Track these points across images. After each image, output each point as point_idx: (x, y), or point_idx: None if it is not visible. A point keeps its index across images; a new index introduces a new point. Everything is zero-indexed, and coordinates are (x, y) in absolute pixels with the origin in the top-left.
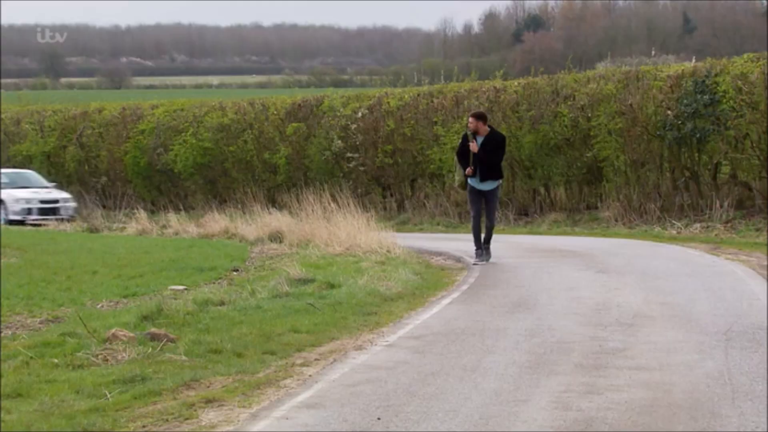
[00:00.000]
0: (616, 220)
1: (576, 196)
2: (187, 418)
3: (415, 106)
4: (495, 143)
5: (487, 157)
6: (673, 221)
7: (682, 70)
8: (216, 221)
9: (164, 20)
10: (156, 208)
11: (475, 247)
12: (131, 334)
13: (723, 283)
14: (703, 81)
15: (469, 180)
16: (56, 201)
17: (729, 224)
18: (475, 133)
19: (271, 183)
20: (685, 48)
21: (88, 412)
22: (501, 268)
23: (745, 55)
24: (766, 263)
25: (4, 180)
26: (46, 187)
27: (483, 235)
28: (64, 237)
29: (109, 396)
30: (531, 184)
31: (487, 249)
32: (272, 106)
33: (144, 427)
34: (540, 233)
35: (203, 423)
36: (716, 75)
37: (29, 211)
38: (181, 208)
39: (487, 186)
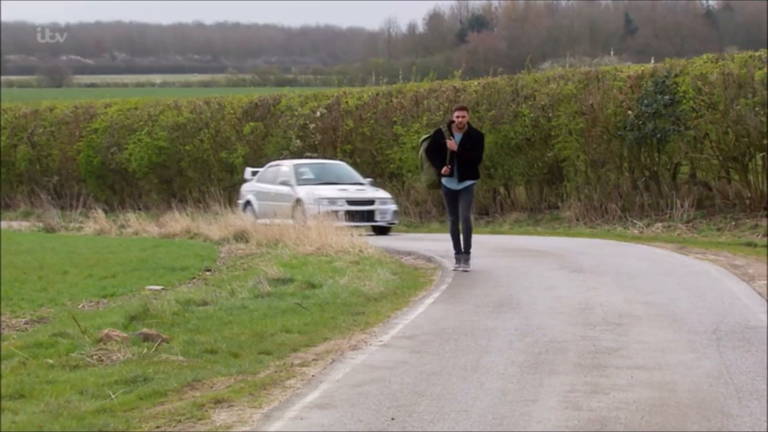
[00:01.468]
0: (578, 220)
1: (537, 195)
2: (200, 419)
3: (374, 105)
4: (474, 140)
5: (467, 155)
6: (635, 221)
7: (642, 70)
8: (177, 221)
9: (104, 18)
10: (109, 207)
11: (454, 252)
12: (124, 335)
13: (699, 282)
14: (663, 81)
15: (443, 181)
16: (370, 202)
17: (690, 224)
18: (450, 130)
19: (228, 182)
20: (627, 48)
21: (96, 413)
22: (475, 268)
23: (704, 56)
24: (733, 263)
25: (307, 175)
26: (359, 184)
27: (462, 242)
28: (21, 237)
29: (113, 397)
30: (491, 183)
31: (467, 259)
32: (228, 105)
33: (158, 427)
34: (502, 233)
35: (218, 424)
36: (676, 75)
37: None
38: (137, 207)
39: (463, 185)
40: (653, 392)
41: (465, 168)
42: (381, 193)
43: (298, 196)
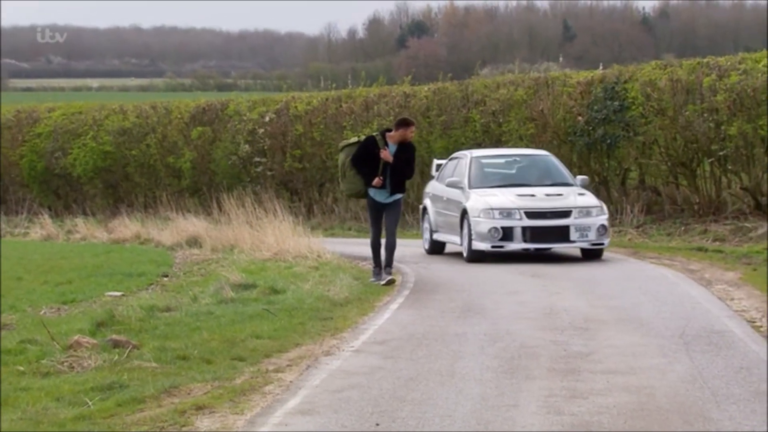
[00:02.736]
0: None
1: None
2: (183, 425)
3: (324, 110)
4: (410, 153)
5: (402, 167)
6: None
7: (592, 76)
8: (126, 226)
9: (39, 21)
10: (54, 212)
11: (373, 264)
12: (94, 341)
13: (659, 287)
14: (613, 87)
15: (371, 192)
16: (564, 213)
17: (640, 229)
18: (384, 139)
19: (176, 187)
20: (566, 55)
21: (76, 419)
22: (434, 273)
23: (653, 62)
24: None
25: (486, 173)
26: (564, 185)
27: (383, 257)
28: None
29: (90, 404)
30: None
31: (389, 272)
32: (175, 110)
33: None
34: None
35: (202, 430)
36: (625, 82)
37: (505, 235)
38: (81, 212)
39: (392, 199)
40: (632, 397)
41: (397, 180)
42: (585, 200)
43: (465, 205)
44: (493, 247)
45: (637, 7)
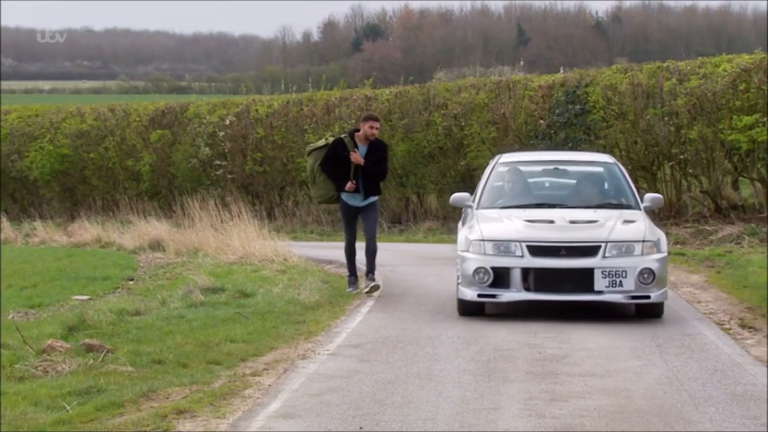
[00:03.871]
0: None
1: (449, 204)
2: (165, 430)
3: (285, 113)
4: (380, 152)
5: (374, 169)
6: None
7: (553, 80)
8: (86, 230)
9: None
10: (9, 216)
11: (348, 274)
12: (67, 345)
13: None
14: (574, 91)
15: (344, 197)
16: (589, 250)
17: None
18: (354, 140)
19: (135, 191)
20: (520, 58)
21: (55, 424)
22: (400, 276)
23: (614, 66)
24: None
25: (513, 187)
26: (616, 206)
27: (366, 264)
28: None
29: (68, 408)
30: (404, 192)
31: (372, 278)
32: (134, 113)
33: None
34: (417, 241)
35: None
36: (586, 85)
37: (499, 279)
38: (38, 216)
39: (367, 202)
40: (610, 399)
41: (370, 183)
42: (627, 231)
43: (458, 233)
44: (480, 296)
45: (590, 12)
